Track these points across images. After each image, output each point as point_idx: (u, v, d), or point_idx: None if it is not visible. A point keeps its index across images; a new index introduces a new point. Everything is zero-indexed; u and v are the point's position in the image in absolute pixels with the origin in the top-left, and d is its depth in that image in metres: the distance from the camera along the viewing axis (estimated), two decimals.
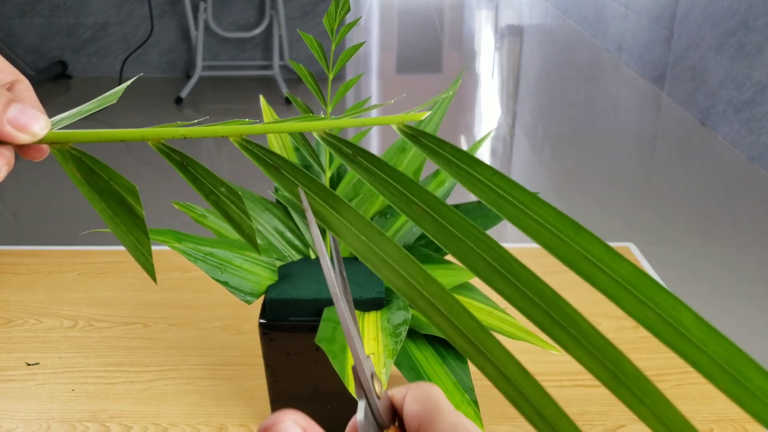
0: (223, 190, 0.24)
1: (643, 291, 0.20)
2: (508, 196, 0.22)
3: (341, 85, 0.50)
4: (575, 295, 0.78)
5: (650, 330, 0.19)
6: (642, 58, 3.31)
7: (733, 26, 2.44)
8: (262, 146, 0.25)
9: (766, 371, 0.18)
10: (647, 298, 0.20)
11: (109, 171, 0.23)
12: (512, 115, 2.93)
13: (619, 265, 0.20)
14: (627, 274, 0.20)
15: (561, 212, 0.21)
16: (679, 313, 0.19)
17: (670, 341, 0.19)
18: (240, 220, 0.24)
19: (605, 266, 0.21)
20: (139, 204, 0.23)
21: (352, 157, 0.24)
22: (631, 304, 0.20)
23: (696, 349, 0.19)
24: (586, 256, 0.21)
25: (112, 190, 0.23)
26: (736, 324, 1.47)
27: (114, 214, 0.23)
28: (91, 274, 0.81)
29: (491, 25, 4.90)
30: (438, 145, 0.23)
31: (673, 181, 2.21)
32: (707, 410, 0.60)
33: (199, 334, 0.70)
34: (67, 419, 0.59)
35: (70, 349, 0.68)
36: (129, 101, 2.88)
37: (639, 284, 0.20)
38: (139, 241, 0.24)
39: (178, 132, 0.23)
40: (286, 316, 0.52)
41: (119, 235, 0.23)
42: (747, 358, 0.18)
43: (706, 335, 0.19)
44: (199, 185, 0.24)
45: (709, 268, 1.69)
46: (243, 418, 0.60)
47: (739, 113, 2.39)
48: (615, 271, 0.20)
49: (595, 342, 0.20)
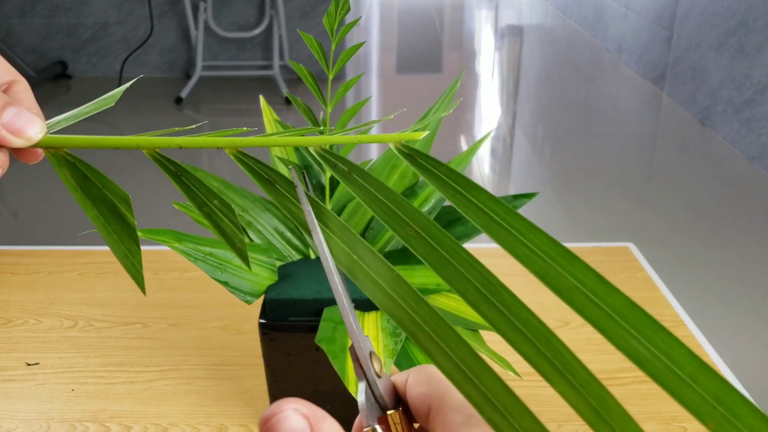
0: (216, 202, 0.24)
1: (635, 324, 0.20)
2: (502, 221, 0.22)
3: (341, 85, 0.50)
4: None
5: (639, 364, 0.19)
6: (642, 58, 3.31)
7: (733, 26, 2.44)
8: (257, 159, 0.24)
9: (755, 408, 0.18)
10: (639, 332, 0.19)
11: (103, 178, 0.23)
12: (512, 115, 2.93)
13: (612, 297, 0.20)
14: (619, 307, 0.20)
15: (555, 240, 0.21)
16: (670, 348, 0.19)
17: (660, 377, 0.19)
18: (232, 233, 0.24)
19: (598, 298, 0.20)
20: (131, 213, 0.23)
21: (347, 174, 0.24)
22: (621, 337, 0.20)
23: (686, 386, 0.18)
24: (579, 287, 0.20)
25: (105, 197, 0.23)
26: (737, 324, 1.47)
27: (106, 222, 0.23)
28: (91, 274, 0.81)
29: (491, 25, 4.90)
30: (434, 166, 0.23)
31: (673, 181, 2.21)
32: None
33: (199, 334, 0.70)
34: (67, 419, 0.59)
35: (70, 349, 0.68)
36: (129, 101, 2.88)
37: (631, 317, 0.20)
38: (129, 250, 0.23)
39: (174, 142, 0.23)
40: (286, 316, 0.52)
41: (110, 244, 0.23)
42: (737, 394, 0.18)
43: (697, 371, 0.18)
44: (192, 196, 0.24)
45: (709, 268, 1.69)
46: (243, 418, 0.60)
47: (739, 113, 2.39)
48: (607, 303, 0.20)
49: (579, 377, 0.20)
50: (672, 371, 0.19)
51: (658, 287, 0.78)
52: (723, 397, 0.18)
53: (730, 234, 1.86)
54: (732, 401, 0.18)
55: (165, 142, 0.23)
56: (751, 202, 2.05)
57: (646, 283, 0.79)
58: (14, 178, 2.23)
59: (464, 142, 2.61)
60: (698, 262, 1.71)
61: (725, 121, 2.48)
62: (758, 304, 1.54)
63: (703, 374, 0.18)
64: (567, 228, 1.89)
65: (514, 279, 0.80)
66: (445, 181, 0.23)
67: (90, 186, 0.23)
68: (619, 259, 0.84)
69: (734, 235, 1.86)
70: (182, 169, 0.23)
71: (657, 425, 0.59)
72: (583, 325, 0.72)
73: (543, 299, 0.76)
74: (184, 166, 0.23)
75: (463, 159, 0.60)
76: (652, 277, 0.80)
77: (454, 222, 0.58)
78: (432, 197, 0.58)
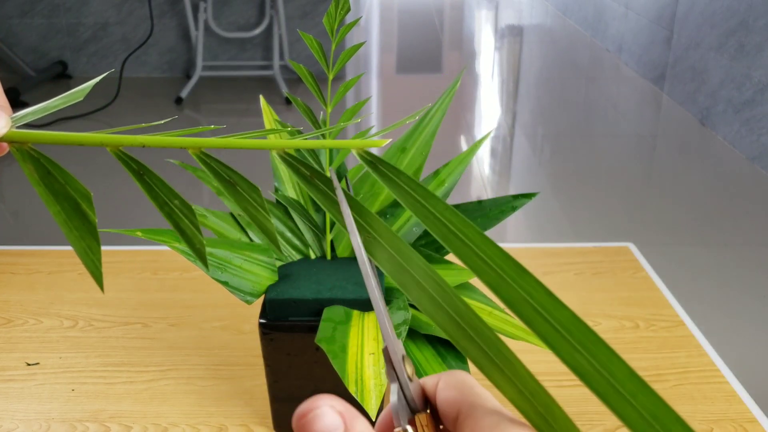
0: (177, 202, 0.24)
1: (580, 339, 0.20)
2: (458, 231, 0.22)
3: (341, 85, 0.50)
4: (574, 295, 0.78)
5: (582, 378, 0.20)
6: (642, 58, 3.31)
7: (733, 26, 2.44)
8: (219, 161, 0.25)
9: (688, 426, 0.19)
10: (583, 347, 0.20)
11: (66, 175, 0.23)
12: (512, 115, 2.93)
13: (559, 311, 0.21)
14: (566, 321, 0.20)
15: (506, 253, 0.22)
16: (612, 364, 0.19)
17: (601, 391, 0.19)
18: (192, 234, 0.24)
19: (545, 311, 0.21)
20: (93, 211, 0.23)
21: (309, 179, 0.24)
22: (566, 351, 0.20)
23: (625, 402, 0.19)
24: (528, 300, 0.21)
25: (68, 194, 0.23)
26: (737, 324, 1.47)
27: (68, 218, 0.24)
28: None
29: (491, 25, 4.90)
30: (395, 174, 0.24)
31: (673, 182, 2.21)
32: (707, 410, 0.60)
33: (199, 334, 0.70)
34: (67, 419, 0.59)
35: (70, 349, 0.68)
36: (129, 101, 2.88)
37: (576, 332, 0.20)
38: (90, 247, 0.24)
39: (137, 140, 0.23)
40: (286, 316, 0.52)
41: (71, 240, 0.23)
42: (672, 413, 0.19)
43: (637, 388, 0.19)
44: (153, 195, 0.24)
45: (709, 268, 1.69)
46: (243, 418, 0.60)
47: (739, 113, 2.39)
48: (554, 317, 0.21)
49: (529, 385, 0.21)
50: (613, 387, 0.19)
51: (658, 287, 0.78)
52: (659, 415, 0.19)
53: (730, 234, 1.86)
54: (667, 419, 0.19)
55: (128, 140, 0.23)
56: (751, 202, 2.05)
57: (645, 283, 0.79)
58: (14, 178, 2.23)
59: (464, 142, 2.61)
60: (698, 262, 1.71)
61: (725, 121, 2.48)
62: (759, 304, 1.54)
63: (642, 392, 0.19)
64: (567, 228, 1.89)
65: None
66: (405, 189, 0.24)
67: (53, 182, 0.23)
68: (619, 259, 0.84)
69: (734, 235, 1.86)
70: (145, 169, 0.24)
71: None
72: None
73: None
74: (146, 166, 0.24)
75: (463, 159, 0.60)
76: (652, 277, 0.80)
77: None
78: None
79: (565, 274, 0.81)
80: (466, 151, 0.60)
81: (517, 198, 0.58)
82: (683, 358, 0.67)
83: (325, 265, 0.57)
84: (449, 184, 0.59)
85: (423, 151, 0.59)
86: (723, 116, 2.50)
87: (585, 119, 2.86)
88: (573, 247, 0.87)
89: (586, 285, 0.79)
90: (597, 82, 3.39)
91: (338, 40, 0.47)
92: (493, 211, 0.58)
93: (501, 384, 0.21)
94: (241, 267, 0.53)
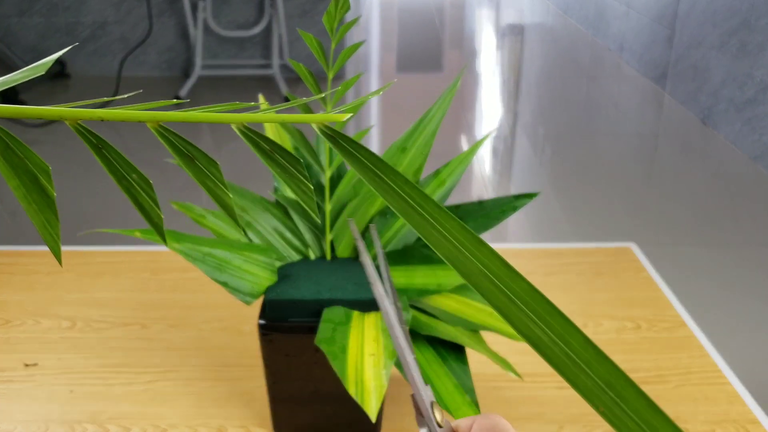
0: (135, 176, 0.24)
1: (536, 310, 0.20)
2: (417, 206, 0.23)
3: (341, 84, 0.49)
4: (576, 295, 0.78)
5: (537, 349, 0.20)
6: (643, 57, 3.31)
7: (735, 25, 2.44)
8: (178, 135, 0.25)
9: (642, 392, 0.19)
10: (539, 317, 0.20)
11: (25, 149, 0.24)
12: (513, 114, 2.92)
13: (516, 282, 0.21)
14: (522, 292, 0.21)
15: (465, 226, 0.22)
16: (568, 334, 0.20)
17: (557, 362, 0.19)
18: (149, 208, 0.24)
19: (502, 283, 0.21)
20: (51, 184, 0.24)
21: (269, 152, 0.25)
22: (522, 322, 0.20)
23: (580, 371, 0.19)
24: (485, 272, 0.21)
25: (27, 168, 0.24)
26: (738, 324, 1.47)
27: (27, 192, 0.24)
28: (89, 274, 0.80)
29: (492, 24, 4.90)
30: (354, 148, 0.24)
31: (675, 181, 2.20)
32: (709, 411, 0.60)
33: (198, 335, 0.70)
34: (65, 420, 0.59)
35: (68, 350, 0.68)
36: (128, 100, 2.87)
37: (533, 303, 0.20)
38: (48, 221, 0.24)
39: (95, 114, 0.23)
40: (285, 316, 0.52)
41: (30, 214, 0.24)
42: (627, 379, 0.19)
43: (592, 357, 0.19)
44: (112, 169, 0.24)
45: (711, 267, 1.69)
46: (242, 419, 0.59)
47: (740, 112, 2.38)
48: (510, 288, 0.21)
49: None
50: (568, 356, 0.20)
51: (659, 287, 0.78)
52: (613, 382, 0.19)
53: (732, 234, 1.86)
54: (621, 386, 0.19)
55: (87, 113, 0.23)
56: (752, 201, 2.05)
57: (647, 283, 0.79)
58: None
59: (465, 141, 2.60)
60: (700, 262, 1.71)
61: (727, 121, 2.47)
62: (761, 304, 1.54)
63: (596, 360, 0.19)
64: (568, 228, 1.89)
65: None
66: (366, 164, 0.24)
67: (12, 156, 0.24)
68: (621, 260, 0.83)
69: (736, 235, 1.85)
70: (104, 143, 0.24)
71: None
72: (584, 326, 0.71)
73: None
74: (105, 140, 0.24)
75: (464, 159, 0.59)
76: (654, 278, 0.80)
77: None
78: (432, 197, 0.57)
79: (566, 274, 0.80)
80: (466, 151, 0.60)
81: (518, 198, 0.57)
82: (685, 358, 0.67)
83: (324, 265, 0.56)
84: (450, 183, 0.59)
85: (423, 150, 0.58)
86: (725, 115, 2.49)
87: (586, 118, 2.85)
88: (574, 248, 0.86)
89: (588, 285, 0.78)
90: (598, 81, 3.39)
91: (338, 38, 0.47)
92: (494, 211, 0.57)
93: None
94: (240, 267, 0.53)
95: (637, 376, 0.64)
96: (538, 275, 0.79)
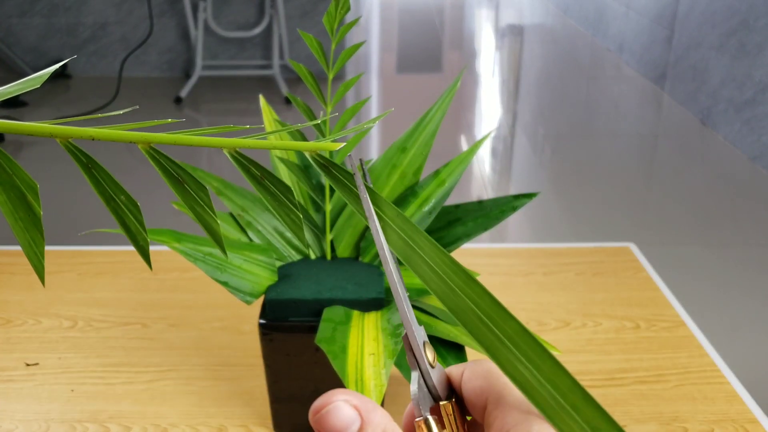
0: (123, 198, 0.24)
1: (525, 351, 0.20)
2: (408, 238, 0.23)
3: (341, 84, 0.49)
4: (575, 296, 0.78)
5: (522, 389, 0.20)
6: (643, 58, 3.31)
7: (734, 26, 2.44)
8: (167, 156, 0.25)
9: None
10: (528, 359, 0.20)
11: (13, 164, 0.23)
12: (513, 114, 2.93)
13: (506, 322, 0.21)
14: (512, 332, 0.21)
15: (456, 261, 0.22)
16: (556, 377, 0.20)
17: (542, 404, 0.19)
18: (136, 231, 0.24)
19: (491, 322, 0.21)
20: (38, 202, 0.23)
21: (259, 179, 0.25)
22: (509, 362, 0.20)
23: (567, 415, 0.19)
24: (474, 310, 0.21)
25: (14, 183, 0.23)
26: (738, 324, 1.47)
27: (14, 209, 0.23)
28: (90, 274, 0.81)
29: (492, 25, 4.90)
30: (347, 178, 0.24)
31: (674, 181, 2.21)
32: (708, 410, 0.60)
33: (199, 334, 0.70)
34: (66, 420, 0.59)
35: (69, 349, 0.68)
36: (128, 101, 2.87)
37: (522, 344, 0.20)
38: (33, 240, 0.23)
39: (86, 132, 0.23)
40: (285, 316, 0.52)
41: (16, 231, 0.23)
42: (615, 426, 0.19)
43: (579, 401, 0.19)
44: (101, 190, 0.24)
45: (710, 268, 1.69)
46: (243, 418, 0.60)
47: (740, 113, 2.39)
48: (500, 327, 0.21)
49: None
50: (555, 399, 0.19)
51: (658, 287, 0.78)
52: (601, 428, 0.19)
53: (731, 234, 1.86)
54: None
55: (77, 132, 0.23)
56: (752, 201, 2.05)
57: (647, 283, 0.79)
58: None
59: (464, 141, 2.61)
60: (699, 262, 1.71)
61: (726, 121, 2.47)
62: (760, 304, 1.54)
63: (584, 404, 0.19)
64: (567, 228, 1.89)
65: (514, 279, 0.80)
66: (355, 193, 0.24)
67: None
68: (620, 260, 0.83)
69: (735, 235, 1.86)
70: (93, 162, 0.24)
71: (657, 425, 0.59)
72: (583, 326, 0.72)
73: (543, 299, 0.76)
74: (95, 159, 0.24)
75: (464, 159, 0.59)
76: (653, 278, 0.80)
77: (454, 222, 0.58)
78: (432, 197, 0.57)
79: (565, 274, 0.80)
80: (466, 151, 0.60)
81: (517, 198, 0.58)
82: (684, 358, 0.67)
83: (325, 265, 0.57)
84: (449, 183, 0.59)
85: (423, 151, 0.59)
86: (724, 116, 2.49)
87: (586, 119, 2.85)
88: (574, 247, 0.86)
89: (587, 285, 0.78)
90: (598, 81, 3.39)
91: (338, 39, 0.47)
92: (494, 211, 0.57)
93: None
94: (240, 267, 0.53)
95: (636, 376, 0.64)
96: (537, 275, 0.79)
